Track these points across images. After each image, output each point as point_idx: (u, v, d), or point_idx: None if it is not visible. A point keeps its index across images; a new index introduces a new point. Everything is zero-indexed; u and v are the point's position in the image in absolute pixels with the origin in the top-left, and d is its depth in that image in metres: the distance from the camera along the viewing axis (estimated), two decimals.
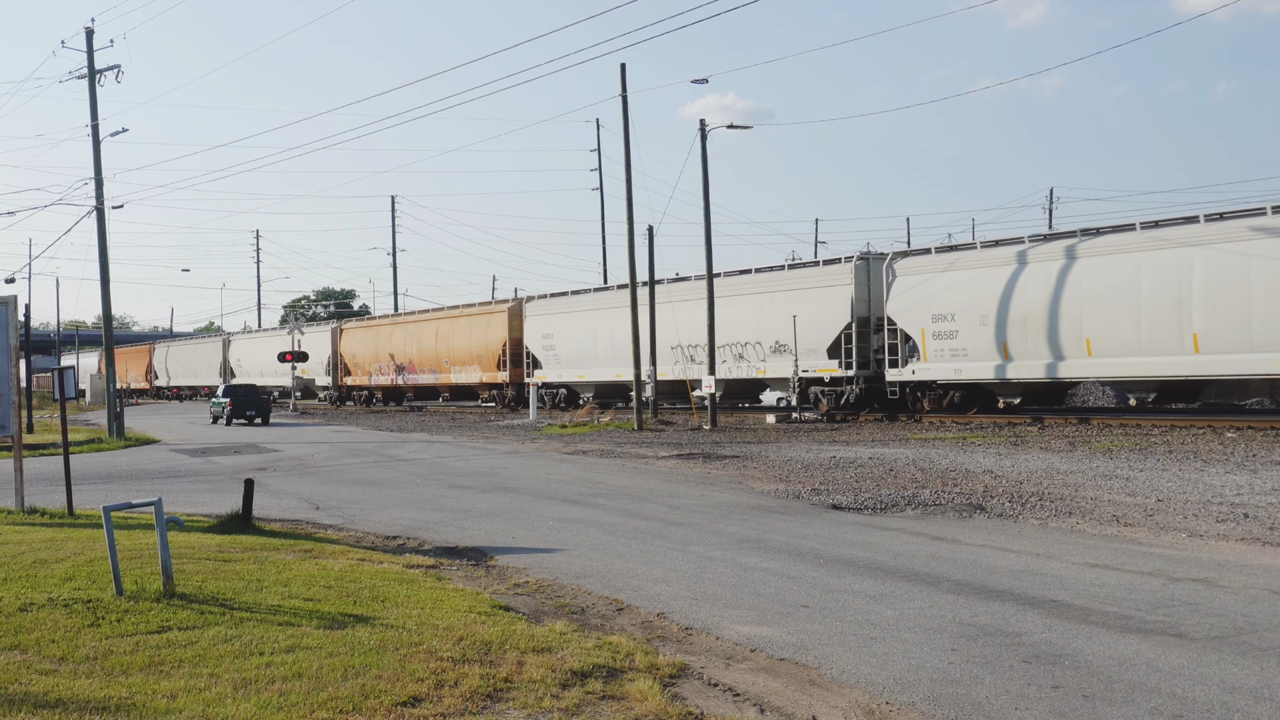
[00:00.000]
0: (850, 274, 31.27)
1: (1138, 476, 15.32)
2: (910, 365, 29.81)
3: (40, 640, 6.91)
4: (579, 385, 43.04)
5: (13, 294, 14.22)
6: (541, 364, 43.94)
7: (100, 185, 33.94)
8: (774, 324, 33.14)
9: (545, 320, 43.81)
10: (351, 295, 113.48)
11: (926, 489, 14.69)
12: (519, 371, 45.36)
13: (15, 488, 14.03)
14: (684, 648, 7.09)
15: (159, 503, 8.54)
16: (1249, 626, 7.20)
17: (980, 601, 8.13)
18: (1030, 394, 29.93)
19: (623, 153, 33.01)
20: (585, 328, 41.28)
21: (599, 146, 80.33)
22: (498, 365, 46.09)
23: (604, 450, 23.58)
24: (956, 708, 5.72)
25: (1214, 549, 10.07)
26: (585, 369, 41.55)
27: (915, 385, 30.36)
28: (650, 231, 37.59)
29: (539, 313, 44.37)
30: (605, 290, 42.57)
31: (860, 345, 30.94)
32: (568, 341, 42.28)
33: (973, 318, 28.22)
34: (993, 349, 27.69)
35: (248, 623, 7.32)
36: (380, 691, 5.81)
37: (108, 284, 34.08)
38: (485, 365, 46.91)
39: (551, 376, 43.43)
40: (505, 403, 46.51)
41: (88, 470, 21.35)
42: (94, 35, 33.82)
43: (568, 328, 42.37)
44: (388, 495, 16.24)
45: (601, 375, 40.63)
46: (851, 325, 30.83)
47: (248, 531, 12.00)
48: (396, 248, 76.15)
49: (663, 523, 12.64)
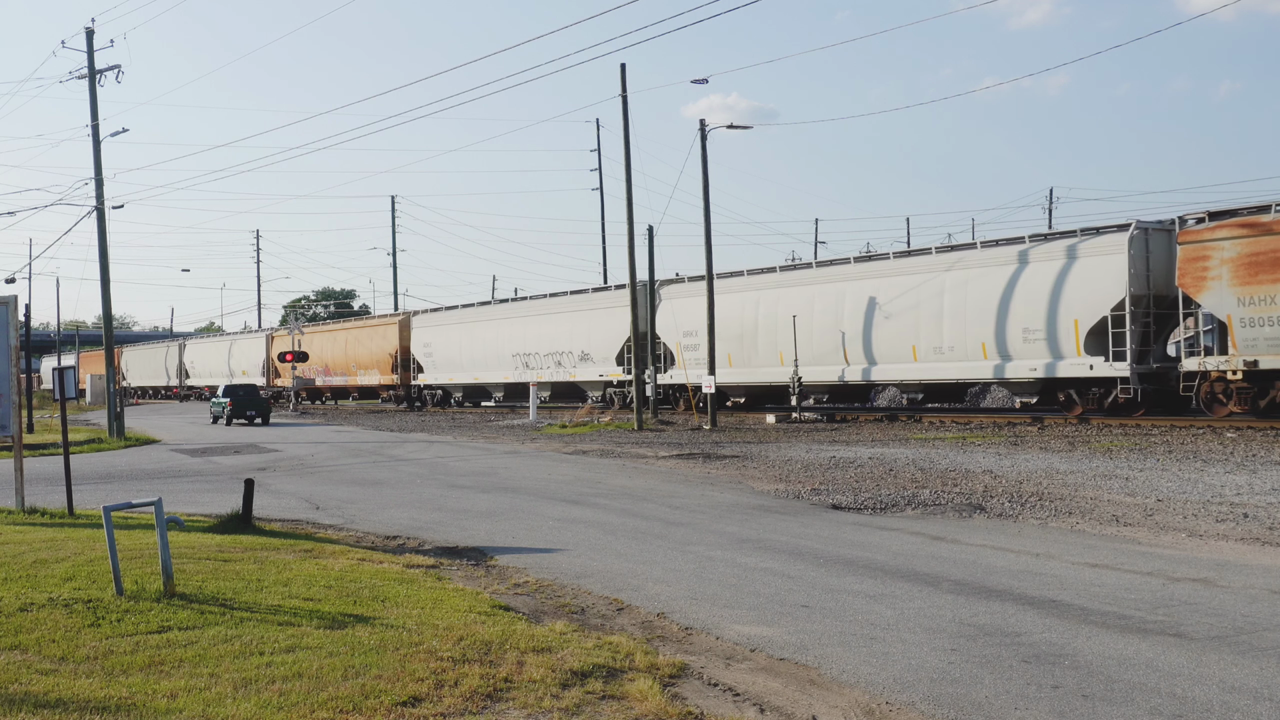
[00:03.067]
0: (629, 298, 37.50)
1: (1137, 476, 15.32)
2: (670, 372, 37.75)
3: (40, 640, 6.91)
4: (450, 386, 51.28)
5: (13, 294, 14.20)
6: (424, 369, 51.68)
7: (100, 185, 33.94)
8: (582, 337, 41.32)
9: (426, 332, 51.69)
10: (351, 295, 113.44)
11: (926, 489, 14.69)
12: (407, 375, 52.95)
13: (15, 487, 14.03)
14: (684, 648, 7.09)
15: (159, 503, 8.54)
16: (1249, 626, 7.20)
17: (980, 601, 8.13)
18: (752, 395, 37.01)
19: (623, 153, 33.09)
20: (455, 339, 49.37)
21: (599, 146, 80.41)
22: (392, 369, 53.44)
23: (604, 450, 23.58)
24: (956, 707, 5.72)
25: (1214, 549, 10.07)
26: (454, 373, 49.62)
27: (672, 387, 38.09)
28: (650, 231, 37.71)
29: (421, 325, 52.35)
30: (469, 307, 51.13)
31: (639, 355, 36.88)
32: (443, 350, 50.23)
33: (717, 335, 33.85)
34: (723, 359, 34.05)
35: (248, 623, 7.32)
36: (380, 691, 5.82)
37: (108, 284, 34.08)
38: (383, 370, 54.42)
39: (430, 379, 51.35)
40: (399, 401, 54.84)
41: (88, 470, 21.35)
42: (94, 35, 33.83)
43: (442, 338, 50.39)
44: (388, 495, 16.25)
45: (466, 378, 48.85)
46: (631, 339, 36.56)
47: (248, 531, 12.00)
48: (396, 248, 76.26)
49: (663, 523, 12.64)
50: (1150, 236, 25.65)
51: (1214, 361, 24.05)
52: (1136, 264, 25.24)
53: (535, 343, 43.81)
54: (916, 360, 29.68)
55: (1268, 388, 23.71)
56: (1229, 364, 23.64)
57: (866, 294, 30.87)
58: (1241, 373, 23.57)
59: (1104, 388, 26.51)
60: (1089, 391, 27.01)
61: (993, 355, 27.87)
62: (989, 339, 27.91)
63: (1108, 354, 25.48)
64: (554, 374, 42.97)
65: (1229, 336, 23.59)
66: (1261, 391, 23.80)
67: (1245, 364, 23.23)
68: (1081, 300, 26.00)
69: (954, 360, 28.87)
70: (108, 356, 35.01)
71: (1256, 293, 22.93)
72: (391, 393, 55.89)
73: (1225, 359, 23.74)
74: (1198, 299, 24.18)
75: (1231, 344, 23.55)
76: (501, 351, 45.81)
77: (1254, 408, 23.89)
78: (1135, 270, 25.16)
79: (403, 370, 52.98)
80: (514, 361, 45.22)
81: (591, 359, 40.99)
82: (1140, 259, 25.40)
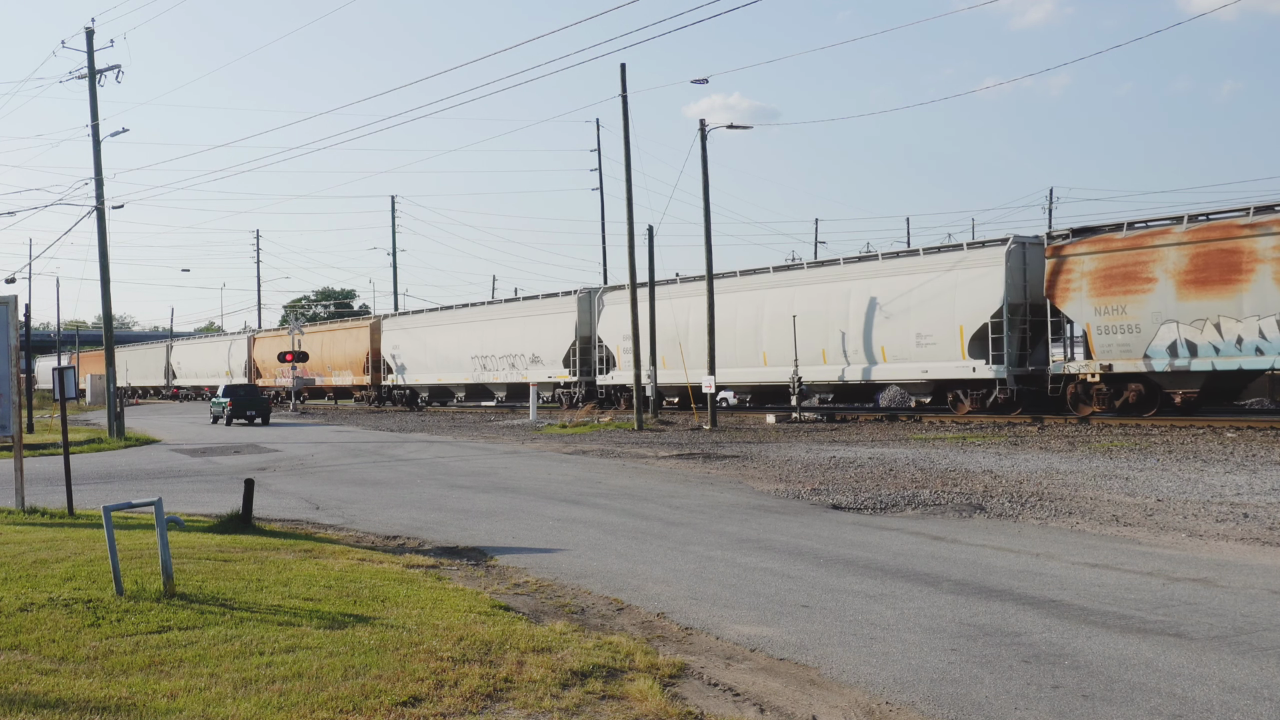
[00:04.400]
0: (574, 304, 42.91)
1: (1137, 476, 15.32)
2: (611, 373, 40.81)
3: (40, 640, 6.90)
4: (417, 387, 54.09)
5: (13, 294, 14.20)
6: (393, 370, 54.88)
7: (100, 185, 33.93)
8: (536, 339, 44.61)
9: (394, 335, 54.92)
10: (351, 295, 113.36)
11: (926, 489, 14.69)
12: (378, 376, 56.10)
13: (15, 487, 14.02)
14: (684, 647, 7.09)
15: (159, 502, 8.54)
16: (1249, 626, 7.20)
17: (980, 601, 8.13)
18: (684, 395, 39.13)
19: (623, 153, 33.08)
20: (420, 342, 52.60)
21: (599, 146, 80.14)
22: (364, 370, 56.77)
23: (604, 450, 23.58)
24: (956, 707, 5.72)
25: (1214, 549, 10.07)
26: (420, 374, 52.68)
27: (613, 388, 40.99)
28: (650, 231, 37.63)
29: (390, 329, 55.51)
30: (434, 311, 54.67)
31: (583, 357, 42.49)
32: (409, 353, 53.45)
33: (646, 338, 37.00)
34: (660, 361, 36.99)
35: (248, 623, 7.32)
36: (380, 691, 5.81)
37: (108, 284, 34.08)
38: (355, 371, 57.71)
39: (398, 380, 54.46)
40: (370, 401, 57.62)
41: (88, 470, 21.35)
42: (94, 35, 33.82)
43: (409, 341, 53.55)
44: (388, 495, 16.25)
45: (431, 379, 51.94)
46: (575, 342, 42.46)
47: (248, 531, 12.00)
48: (396, 248, 76.19)
49: (663, 523, 12.64)
50: (1027, 250, 28.09)
51: (1076, 365, 26.53)
52: (1014, 275, 27.70)
53: (492, 346, 47.26)
54: (826, 363, 32.24)
55: (1122, 389, 26.05)
56: (1089, 368, 26.10)
57: (785, 302, 33.41)
58: (1099, 375, 26.03)
59: (987, 389, 28.63)
60: (974, 392, 29.04)
61: (891, 359, 30.30)
62: (888, 344, 30.38)
63: (988, 358, 27.81)
64: (508, 375, 46.38)
65: (1089, 343, 26.09)
66: (1117, 393, 26.17)
67: (1102, 368, 25.81)
68: (966, 308, 28.33)
69: (858, 363, 31.42)
70: (108, 356, 34.99)
71: (1110, 303, 25.59)
72: (363, 392, 58.64)
73: (1086, 363, 26.18)
74: (1063, 308, 26.68)
75: (1091, 350, 26.02)
76: (462, 354, 49.13)
77: (1110, 407, 26.22)
78: (1012, 281, 27.63)
79: (374, 371, 56.09)
80: (473, 364, 48.54)
81: (541, 361, 44.32)
82: (1018, 271, 27.84)
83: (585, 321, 42.43)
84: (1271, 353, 22.72)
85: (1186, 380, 24.66)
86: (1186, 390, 24.77)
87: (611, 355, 40.88)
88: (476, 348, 48.28)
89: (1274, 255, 22.63)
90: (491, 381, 47.74)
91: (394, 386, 55.29)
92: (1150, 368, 24.86)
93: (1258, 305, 22.84)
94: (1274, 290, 22.59)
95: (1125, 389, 25.88)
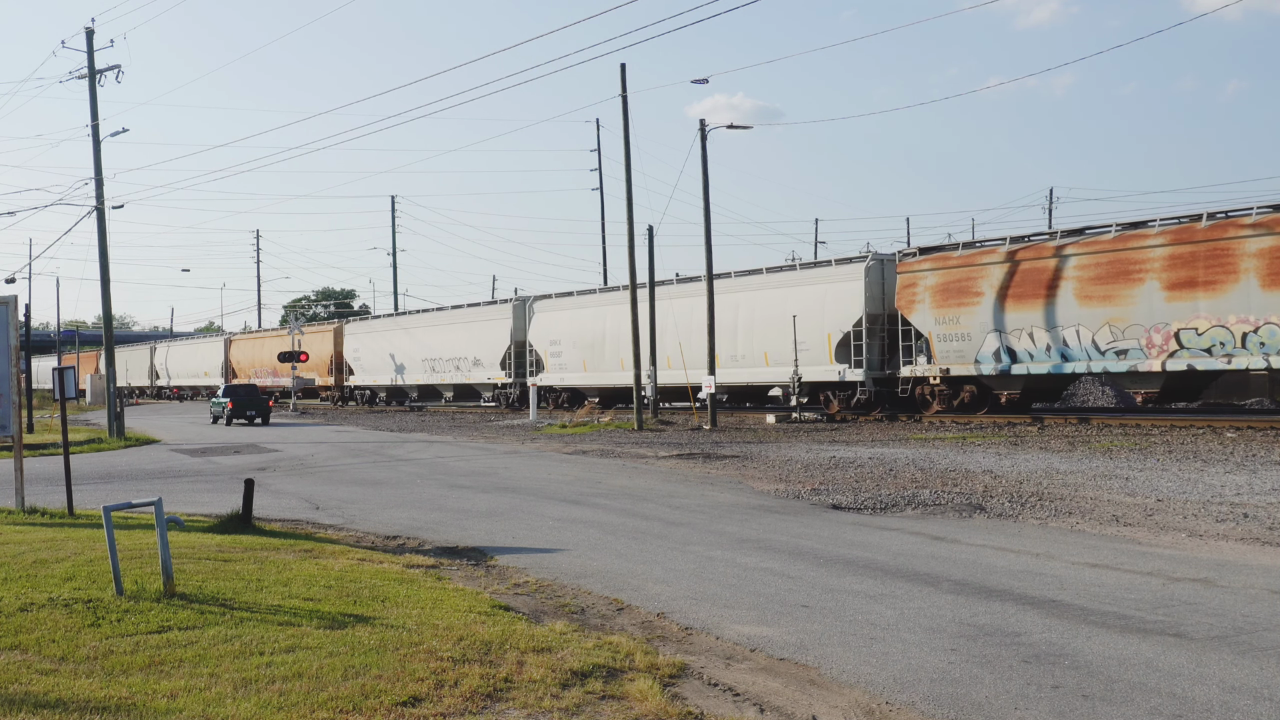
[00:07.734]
0: (509, 311, 46.42)
1: (1137, 476, 15.32)
2: (538, 375, 43.76)
3: (40, 640, 6.90)
4: (375, 388, 57.31)
5: (13, 294, 14.19)
6: (354, 371, 58.33)
7: (100, 185, 33.93)
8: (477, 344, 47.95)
9: (355, 339, 58.25)
10: (351, 295, 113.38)
11: (926, 489, 14.69)
12: (341, 377, 59.90)
13: (15, 487, 14.02)
14: (684, 648, 7.09)
15: (159, 502, 8.54)
16: (1249, 626, 7.20)
17: (980, 601, 8.13)
18: (604, 395, 42.03)
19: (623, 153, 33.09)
20: (377, 345, 55.82)
21: (599, 147, 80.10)
22: (329, 372, 60.50)
23: (604, 450, 23.58)
24: (956, 707, 5.72)
25: (1214, 549, 10.07)
26: (377, 376, 55.97)
27: (542, 389, 43.72)
28: (650, 231, 37.64)
29: (351, 333, 58.90)
30: (389, 316, 58.81)
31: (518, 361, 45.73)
32: (368, 356, 56.65)
33: (571, 343, 41.77)
34: (580, 364, 40.93)
35: (248, 623, 7.32)
36: (380, 691, 5.81)
37: (108, 284, 34.07)
38: (321, 372, 61.25)
39: (359, 381, 57.94)
40: (334, 401, 61.30)
41: (88, 470, 21.35)
42: (94, 35, 33.81)
43: (367, 345, 56.75)
44: (388, 495, 16.24)
45: (386, 380, 55.18)
46: (510, 347, 45.79)
47: (248, 531, 12.00)
48: (396, 248, 76.21)
49: (663, 523, 12.64)
50: (885, 265, 30.98)
51: (921, 369, 29.46)
52: (873, 288, 30.62)
53: (440, 350, 50.58)
54: (721, 367, 33.88)
55: (959, 390, 29.10)
56: (931, 371, 29.17)
57: (687, 310, 35.97)
58: (940, 378, 29.12)
59: (852, 390, 31.51)
60: (841, 393, 31.91)
61: (773, 363, 33.15)
62: (770, 350, 33.22)
63: (851, 362, 30.77)
64: (454, 377, 49.98)
65: (931, 349, 29.10)
66: (955, 394, 29.24)
67: (941, 371, 28.92)
68: (834, 318, 31.28)
69: (745, 367, 34.33)
70: (108, 356, 34.98)
71: (947, 314, 28.69)
72: (329, 392, 62.24)
73: (929, 367, 29.21)
74: (910, 319, 29.67)
75: (933, 355, 29.08)
76: (413, 357, 52.49)
77: (949, 406, 29.28)
78: (871, 294, 30.56)
79: (338, 373, 59.89)
80: (424, 366, 51.96)
81: (481, 364, 47.80)
82: (876, 284, 30.72)
83: (520, 328, 45.72)
84: (1074, 359, 25.99)
85: (1009, 382, 27.98)
86: (1010, 391, 28.16)
87: (540, 359, 43.97)
88: (427, 351, 51.50)
89: (1076, 274, 25.88)
90: (440, 383, 51.06)
91: (355, 387, 58.87)
92: (980, 371, 28.06)
93: (1062, 317, 26.07)
94: (1074, 304, 25.79)
95: (961, 390, 28.96)
